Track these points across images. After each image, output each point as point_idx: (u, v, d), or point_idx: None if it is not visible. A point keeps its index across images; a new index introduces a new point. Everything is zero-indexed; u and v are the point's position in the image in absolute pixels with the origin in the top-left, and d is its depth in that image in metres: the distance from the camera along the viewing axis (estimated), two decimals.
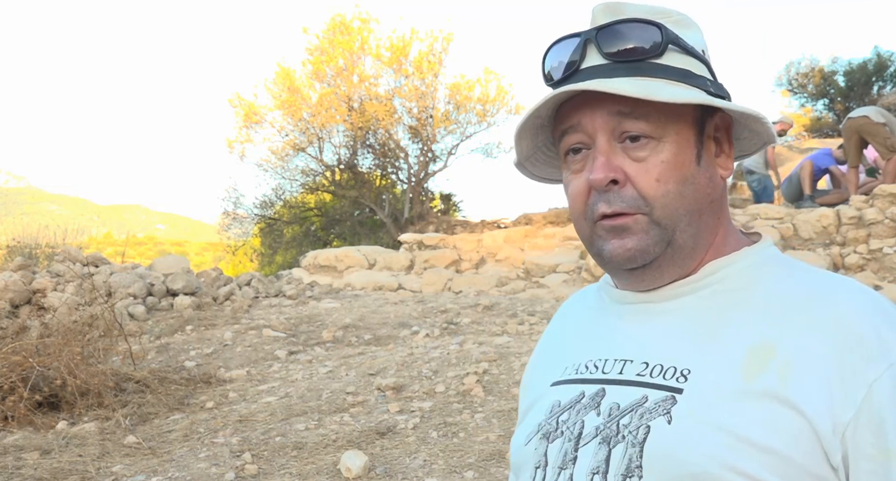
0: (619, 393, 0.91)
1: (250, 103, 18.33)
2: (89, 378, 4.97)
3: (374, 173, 19.03)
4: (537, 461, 0.93)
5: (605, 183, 0.90)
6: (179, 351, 6.46)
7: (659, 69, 0.91)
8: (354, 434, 4.09)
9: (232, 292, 8.63)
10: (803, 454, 0.81)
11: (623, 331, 0.97)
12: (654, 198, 0.90)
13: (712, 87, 0.94)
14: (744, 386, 0.84)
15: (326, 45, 17.99)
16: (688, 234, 0.92)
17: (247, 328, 7.04)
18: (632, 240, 0.91)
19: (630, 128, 0.90)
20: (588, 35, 0.93)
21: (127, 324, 6.80)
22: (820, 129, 18.94)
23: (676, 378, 0.88)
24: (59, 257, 8.92)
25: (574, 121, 0.93)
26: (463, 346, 5.80)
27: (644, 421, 0.86)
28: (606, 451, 0.87)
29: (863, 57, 20.38)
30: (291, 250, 18.54)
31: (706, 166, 0.94)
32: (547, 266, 9.83)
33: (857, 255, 7.92)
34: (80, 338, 5.29)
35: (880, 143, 8.80)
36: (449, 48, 18.15)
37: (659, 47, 0.91)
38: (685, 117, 0.92)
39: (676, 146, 0.91)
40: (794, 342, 0.85)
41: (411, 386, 4.88)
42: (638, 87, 0.87)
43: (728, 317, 0.91)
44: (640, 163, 0.90)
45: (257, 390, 5.16)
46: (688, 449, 0.82)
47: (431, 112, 18.01)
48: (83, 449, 4.13)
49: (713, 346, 0.88)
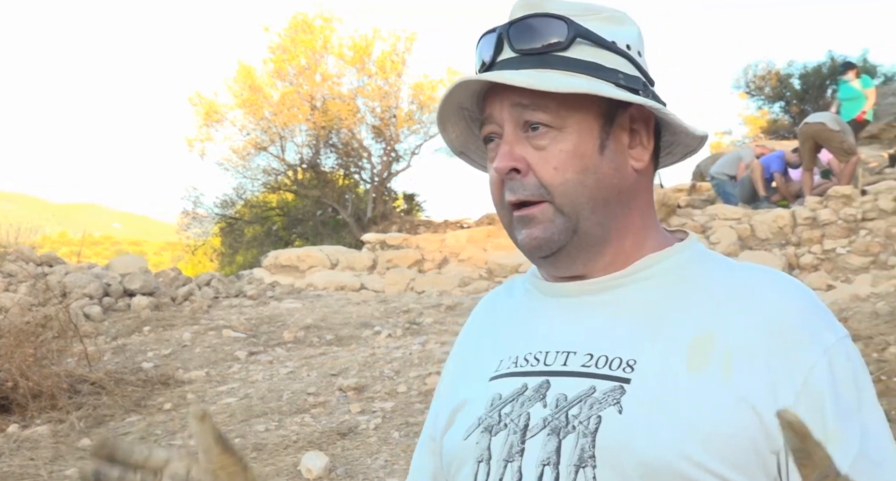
0: (565, 384, 0.90)
1: (210, 102, 18.13)
2: (42, 380, 4.87)
3: (337, 173, 18.94)
4: (479, 454, 0.92)
5: (506, 171, 0.93)
6: (137, 352, 6.35)
7: (562, 61, 0.93)
8: (315, 434, 4.05)
9: (191, 292, 8.52)
10: (746, 440, 0.83)
11: (562, 324, 0.97)
12: (553, 186, 0.93)
13: (623, 79, 0.95)
14: (689, 376, 0.86)
15: (288, 43, 17.86)
16: (592, 222, 0.94)
17: (206, 328, 6.95)
18: (538, 230, 0.94)
19: (530, 118, 0.93)
20: (501, 29, 0.96)
21: (82, 325, 6.66)
22: (776, 131, 19.28)
23: (623, 368, 0.88)
24: (11, 257, 8.72)
25: (487, 112, 0.97)
26: (425, 346, 5.79)
27: (594, 412, 0.86)
28: (556, 442, 0.87)
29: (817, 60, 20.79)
30: (252, 250, 18.36)
31: (612, 156, 0.95)
32: (510, 266, 9.87)
33: (812, 255, 8.08)
34: (33, 340, 5.18)
35: (836, 148, 9.00)
36: (412, 48, 18.16)
37: (565, 41, 0.93)
38: (589, 108, 0.93)
39: (577, 136, 0.93)
40: (732, 331, 0.88)
41: (373, 386, 4.86)
42: (530, 79, 0.90)
43: (668, 308, 0.93)
44: (540, 151, 0.93)
45: (217, 391, 5.09)
46: (640, 438, 0.83)
47: (395, 112, 17.98)
48: (35, 453, 4.04)
49: (656, 337, 0.90)
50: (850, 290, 6.59)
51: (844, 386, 0.86)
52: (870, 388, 0.89)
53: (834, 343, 0.87)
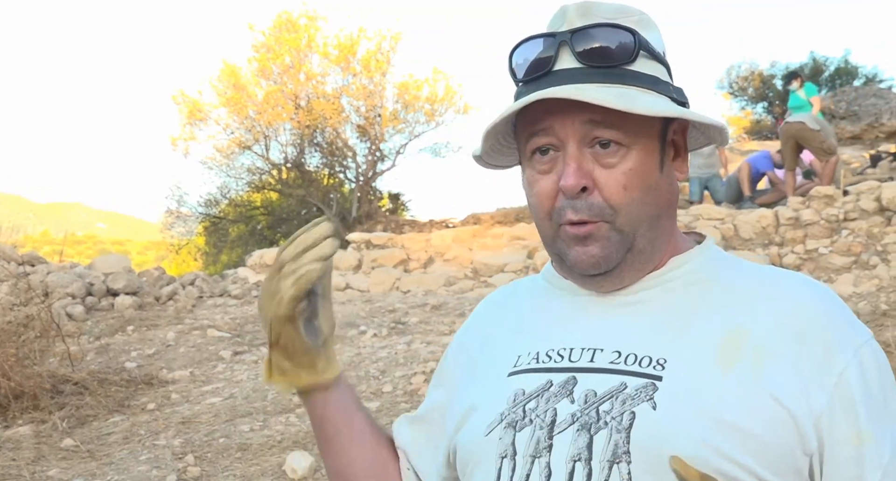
0: (593, 380, 0.90)
1: (194, 100, 18.00)
2: (24, 380, 4.83)
3: (322, 172, 18.87)
4: (503, 450, 0.91)
5: (577, 190, 0.90)
6: (120, 352, 6.31)
7: (631, 76, 0.91)
8: (300, 434, 4.04)
9: (175, 292, 8.47)
10: (779, 439, 0.84)
11: (588, 322, 0.97)
12: (619, 205, 0.91)
13: (675, 93, 0.94)
14: (721, 373, 0.86)
15: (273, 42, 17.76)
16: (647, 240, 0.94)
17: (190, 328, 6.91)
18: (595, 247, 0.92)
19: (602, 135, 0.90)
20: (563, 37, 0.92)
21: (65, 325, 6.61)
22: (760, 132, 19.40)
23: (653, 366, 0.89)
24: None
25: (546, 124, 0.92)
26: (411, 346, 5.79)
27: (628, 407, 0.86)
28: (587, 438, 0.86)
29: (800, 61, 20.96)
30: (237, 249, 18.27)
31: (667, 172, 0.96)
32: (495, 266, 9.88)
33: (795, 255, 8.14)
34: (15, 340, 5.14)
35: (817, 147, 9.08)
36: (397, 47, 18.10)
37: (632, 54, 0.91)
38: (653, 125, 0.93)
39: (643, 154, 0.92)
40: (761, 330, 0.88)
41: (358, 386, 4.85)
42: (615, 98, 0.87)
43: (696, 308, 0.93)
44: (608, 169, 0.91)
45: (201, 391, 5.07)
46: (675, 434, 0.83)
47: (380, 111, 17.93)
48: (17, 453, 4.01)
49: (686, 336, 0.90)
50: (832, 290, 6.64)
51: (874, 387, 0.87)
52: (893, 387, 0.90)
53: (861, 344, 0.88)
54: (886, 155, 11.19)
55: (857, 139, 13.68)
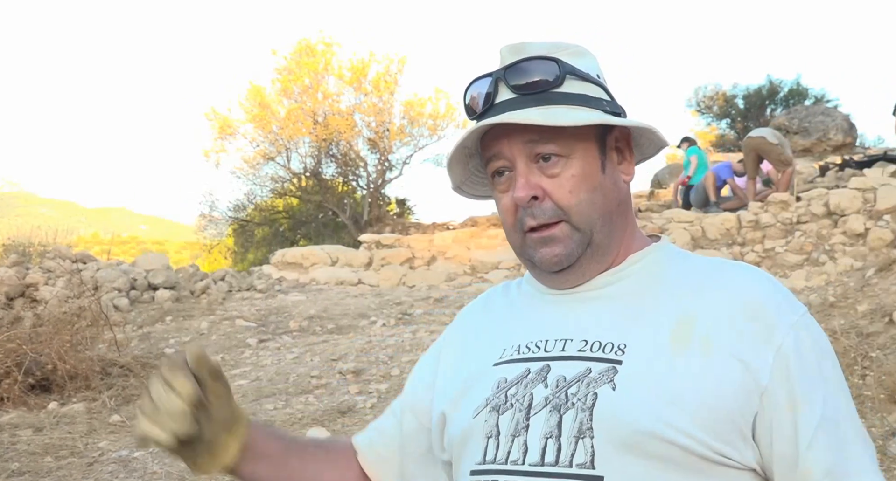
0: (564, 367, 0.92)
1: (225, 117, 18.03)
2: (78, 363, 4.87)
3: (337, 180, 18.88)
4: (488, 431, 0.93)
5: (527, 200, 0.94)
6: (160, 339, 6.34)
7: (560, 97, 0.95)
8: (318, 413, 4.08)
9: (208, 286, 8.49)
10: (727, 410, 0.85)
11: (560, 316, 0.98)
12: (569, 207, 0.94)
13: (608, 106, 0.97)
14: (674, 355, 0.88)
15: (293, 65, 17.79)
16: (603, 234, 0.96)
17: (221, 318, 6.94)
18: (558, 247, 0.95)
19: (542, 150, 0.94)
20: (497, 74, 0.96)
21: (112, 315, 6.64)
22: (723, 145, 19.43)
23: (615, 351, 0.90)
24: (50, 255, 8.68)
25: (496, 150, 0.96)
26: (416, 334, 5.82)
27: (591, 389, 0.88)
28: (557, 417, 0.88)
29: (758, 83, 20.96)
30: (262, 249, 18.27)
31: (610, 174, 0.97)
32: (490, 263, 9.91)
33: (755, 254, 8.17)
34: (70, 328, 5.17)
35: (775, 159, 9.10)
36: (403, 69, 18.12)
37: (558, 79, 0.94)
38: (588, 135, 0.95)
39: (583, 161, 0.95)
40: (710, 314, 0.90)
41: (369, 370, 4.88)
42: (542, 116, 0.91)
43: (651, 298, 0.95)
44: (554, 179, 0.94)
45: (230, 374, 5.10)
46: (631, 410, 0.85)
47: (388, 126, 17.94)
48: (72, 427, 4.05)
49: (642, 323, 0.92)
50: (787, 284, 6.62)
51: (809, 356, 0.88)
52: (830, 354, 0.91)
53: (797, 320, 0.90)
54: (833, 166, 11.20)
55: (807, 152, 13.68)
